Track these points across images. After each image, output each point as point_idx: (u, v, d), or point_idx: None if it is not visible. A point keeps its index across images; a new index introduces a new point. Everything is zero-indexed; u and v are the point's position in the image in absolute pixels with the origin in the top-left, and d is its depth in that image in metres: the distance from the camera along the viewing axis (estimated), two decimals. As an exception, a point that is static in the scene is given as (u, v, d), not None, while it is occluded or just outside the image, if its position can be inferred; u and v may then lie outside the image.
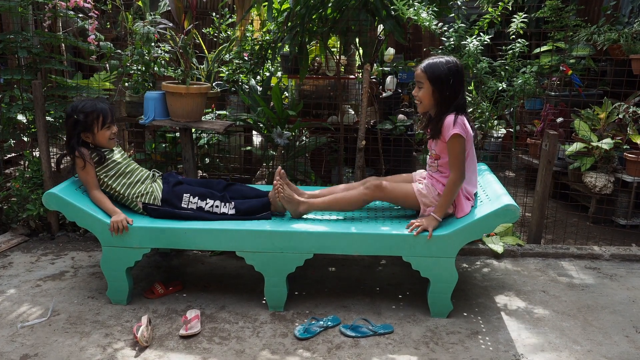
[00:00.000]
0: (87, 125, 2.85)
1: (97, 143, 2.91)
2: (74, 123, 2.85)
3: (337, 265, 3.37)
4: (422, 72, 2.69)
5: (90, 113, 2.84)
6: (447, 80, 2.65)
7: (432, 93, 2.68)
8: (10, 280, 3.10)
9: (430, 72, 2.66)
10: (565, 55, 4.53)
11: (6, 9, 3.67)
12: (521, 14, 3.65)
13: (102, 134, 2.89)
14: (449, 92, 2.66)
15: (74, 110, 2.85)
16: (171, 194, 2.87)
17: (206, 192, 2.90)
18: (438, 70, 2.65)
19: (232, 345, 2.49)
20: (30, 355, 2.40)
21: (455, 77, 2.66)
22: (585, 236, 3.89)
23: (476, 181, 2.88)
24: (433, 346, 2.50)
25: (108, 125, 2.90)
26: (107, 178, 2.88)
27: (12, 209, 3.74)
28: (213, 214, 2.86)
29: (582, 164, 4.04)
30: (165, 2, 4.66)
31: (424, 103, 2.73)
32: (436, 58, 2.71)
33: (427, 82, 2.68)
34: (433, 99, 2.70)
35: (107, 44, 3.79)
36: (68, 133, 2.89)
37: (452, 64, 2.66)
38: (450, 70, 2.65)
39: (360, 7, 3.65)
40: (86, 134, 2.87)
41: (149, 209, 2.87)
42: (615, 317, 2.80)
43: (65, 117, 2.93)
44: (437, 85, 2.66)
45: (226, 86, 4.55)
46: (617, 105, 4.08)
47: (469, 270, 3.32)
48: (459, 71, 2.67)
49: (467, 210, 2.72)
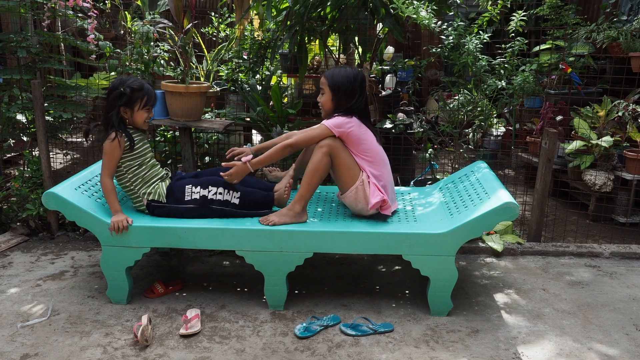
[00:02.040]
0: (131, 100, 2.82)
1: (133, 121, 2.88)
2: (119, 95, 2.80)
3: (337, 264, 3.37)
4: (324, 79, 2.86)
5: (137, 90, 2.82)
6: (342, 87, 2.79)
7: (331, 99, 2.83)
8: (10, 280, 3.11)
9: (330, 80, 2.83)
10: (564, 53, 4.53)
11: (6, 9, 3.67)
12: (520, 12, 3.65)
13: (140, 115, 2.87)
14: (344, 98, 2.81)
15: (122, 83, 2.82)
16: (174, 189, 2.86)
17: (208, 180, 2.86)
18: (337, 78, 2.81)
19: (233, 344, 2.49)
20: (30, 355, 2.40)
21: (352, 84, 2.80)
22: (585, 234, 3.89)
23: (387, 177, 2.88)
24: (433, 344, 2.50)
25: (148, 108, 2.89)
26: (127, 168, 2.85)
27: (11, 208, 3.74)
28: (217, 204, 2.82)
29: (582, 162, 4.04)
30: (164, 1, 4.66)
31: (325, 108, 2.88)
32: (339, 67, 2.89)
33: (327, 88, 2.83)
34: (332, 105, 2.84)
35: (106, 44, 3.79)
36: (109, 104, 2.84)
37: (350, 73, 2.82)
38: (348, 78, 2.80)
39: (360, 6, 3.65)
40: (125, 109, 2.84)
41: (152, 206, 2.86)
42: (616, 315, 2.80)
43: (109, 88, 2.88)
44: (334, 91, 2.81)
45: (225, 85, 4.55)
46: (617, 103, 4.08)
47: (469, 268, 3.32)
48: (356, 80, 2.81)
49: (373, 201, 2.76)
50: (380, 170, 2.85)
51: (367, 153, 2.81)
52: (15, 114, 3.72)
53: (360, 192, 2.78)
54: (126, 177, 2.87)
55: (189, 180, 2.90)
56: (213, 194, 2.82)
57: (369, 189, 2.78)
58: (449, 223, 2.71)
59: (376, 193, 2.79)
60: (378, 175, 2.83)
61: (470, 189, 2.98)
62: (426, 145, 4.03)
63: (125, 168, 2.86)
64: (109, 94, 2.87)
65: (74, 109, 3.88)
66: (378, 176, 2.83)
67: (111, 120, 2.81)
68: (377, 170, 2.83)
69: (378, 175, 2.83)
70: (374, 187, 2.80)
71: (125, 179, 2.88)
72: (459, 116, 3.89)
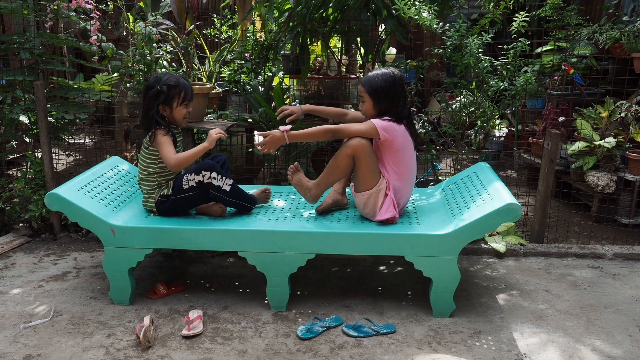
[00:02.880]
0: (169, 98, 2.80)
1: (173, 119, 2.88)
2: (156, 94, 2.79)
3: (339, 265, 3.36)
4: (361, 86, 2.79)
5: (173, 86, 2.80)
6: (383, 91, 2.72)
7: (373, 106, 2.77)
8: (12, 280, 3.11)
9: (368, 86, 2.75)
10: (567, 54, 4.52)
11: (9, 11, 3.68)
12: (522, 13, 3.64)
13: (179, 111, 2.86)
14: (387, 102, 2.74)
15: (158, 81, 2.81)
16: (176, 182, 2.87)
17: (201, 165, 2.82)
18: (375, 82, 2.73)
19: (235, 346, 2.49)
20: (33, 356, 2.40)
21: (392, 86, 2.73)
22: (587, 235, 3.88)
23: (407, 194, 2.87)
24: (436, 346, 2.50)
25: (186, 103, 2.87)
26: (160, 164, 2.85)
27: (14, 209, 3.75)
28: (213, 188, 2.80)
29: (585, 163, 4.03)
30: (166, 2, 4.67)
31: (368, 116, 2.81)
32: (375, 71, 2.80)
33: (366, 95, 2.76)
34: (375, 112, 2.77)
35: (108, 45, 3.80)
36: (148, 104, 2.82)
37: (388, 75, 2.74)
38: (387, 81, 2.72)
39: (362, 7, 3.65)
40: (164, 107, 2.83)
41: (159, 202, 2.86)
42: (619, 317, 2.79)
43: (146, 87, 2.87)
44: (375, 97, 2.74)
45: (228, 86, 4.56)
46: (620, 104, 4.07)
47: (471, 269, 3.32)
48: (395, 81, 2.74)
49: (385, 216, 2.74)
50: (404, 185, 2.82)
51: (399, 165, 2.78)
52: (18, 115, 3.73)
53: (372, 200, 2.77)
54: (154, 176, 2.87)
55: (186, 170, 2.91)
56: (208, 178, 2.79)
57: (382, 200, 2.76)
58: (451, 224, 2.71)
59: (390, 209, 2.76)
60: (400, 188, 2.80)
61: (473, 190, 2.98)
62: (428, 146, 4.03)
63: (158, 165, 2.85)
64: (145, 94, 2.85)
65: (77, 110, 3.89)
66: (399, 189, 2.80)
67: (153, 119, 2.80)
68: (401, 183, 2.80)
69: (399, 189, 2.80)
70: (389, 201, 2.76)
71: (153, 175, 2.87)
72: (461, 117, 3.89)
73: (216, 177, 2.81)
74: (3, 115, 3.76)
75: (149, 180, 2.89)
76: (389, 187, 2.78)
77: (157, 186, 2.89)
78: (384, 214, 2.75)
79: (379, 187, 2.75)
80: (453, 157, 4.17)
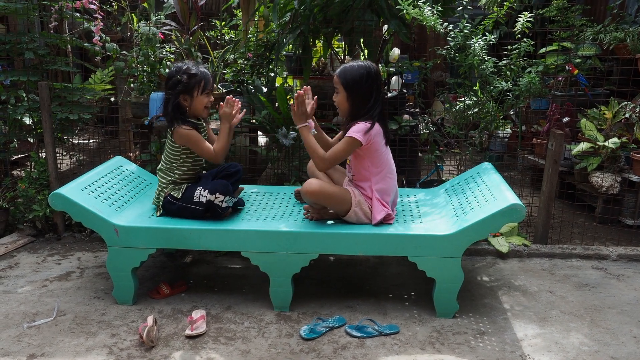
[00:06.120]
0: (189, 87, 2.78)
1: (194, 109, 2.85)
2: (176, 83, 2.77)
3: (342, 265, 3.36)
4: (336, 77, 2.74)
5: (193, 75, 2.78)
6: (356, 84, 2.68)
7: (346, 98, 2.73)
8: (16, 280, 3.12)
9: (343, 78, 2.71)
10: (571, 55, 4.51)
11: (13, 11, 3.69)
12: (527, 14, 3.63)
13: (200, 100, 2.83)
14: (359, 97, 2.70)
15: (178, 71, 2.79)
16: (188, 189, 2.86)
17: (216, 187, 2.81)
18: (349, 75, 2.69)
19: (238, 346, 2.49)
20: (36, 355, 2.41)
21: (366, 81, 2.69)
22: (591, 236, 3.87)
23: (393, 190, 2.86)
24: (439, 346, 2.49)
25: (207, 92, 2.85)
26: (181, 160, 2.86)
27: (18, 209, 3.76)
28: (220, 209, 2.80)
29: (589, 164, 4.02)
30: (170, 3, 4.67)
31: (341, 108, 2.78)
32: (351, 62, 2.76)
33: (341, 87, 2.73)
34: (348, 104, 2.74)
35: (112, 45, 3.80)
36: (168, 94, 2.81)
37: (363, 68, 2.69)
38: (361, 75, 2.68)
39: (365, 7, 3.65)
40: (185, 96, 2.81)
41: (167, 201, 2.86)
42: (623, 318, 2.78)
43: (167, 77, 2.85)
44: (348, 90, 2.70)
45: (231, 87, 4.56)
46: (624, 104, 4.06)
47: (475, 270, 3.31)
48: (370, 75, 2.69)
49: (378, 218, 2.74)
50: (387, 183, 2.82)
51: (379, 165, 2.78)
52: (22, 115, 3.74)
53: (360, 213, 2.77)
54: (173, 171, 2.87)
55: (202, 182, 2.90)
56: (219, 201, 2.81)
57: (368, 205, 2.77)
58: (455, 225, 2.70)
59: (380, 208, 2.77)
60: (385, 188, 2.81)
61: (476, 190, 2.97)
62: (432, 147, 4.02)
63: (179, 161, 2.85)
64: (166, 84, 2.84)
65: (80, 111, 3.90)
66: (385, 190, 2.81)
67: (175, 110, 2.79)
68: (385, 184, 2.80)
69: (385, 189, 2.81)
70: (377, 203, 2.77)
71: (172, 170, 2.87)
72: (464, 118, 3.88)
73: (227, 200, 2.81)
74: (7, 116, 3.77)
75: (168, 173, 2.90)
76: (371, 190, 2.78)
77: (172, 182, 2.89)
78: (377, 216, 2.76)
79: (356, 200, 2.76)
80: (457, 158, 4.16)
